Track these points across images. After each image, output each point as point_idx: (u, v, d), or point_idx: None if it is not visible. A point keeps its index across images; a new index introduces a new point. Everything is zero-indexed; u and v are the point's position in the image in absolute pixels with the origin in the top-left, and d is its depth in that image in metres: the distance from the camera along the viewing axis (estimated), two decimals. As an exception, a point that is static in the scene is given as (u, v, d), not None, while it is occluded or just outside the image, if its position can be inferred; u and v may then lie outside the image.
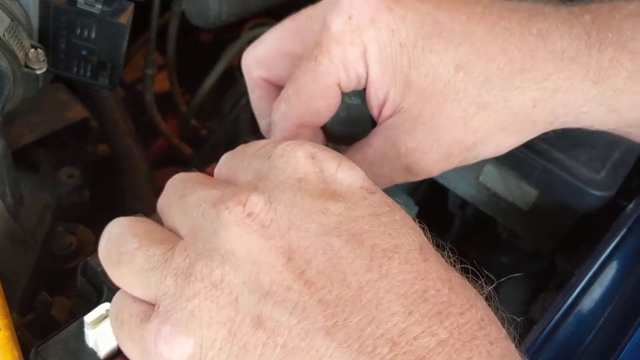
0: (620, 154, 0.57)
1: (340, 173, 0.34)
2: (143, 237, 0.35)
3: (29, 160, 0.75)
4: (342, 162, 0.35)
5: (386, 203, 0.35)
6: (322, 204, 0.33)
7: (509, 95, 0.43)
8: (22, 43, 0.57)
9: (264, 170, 0.35)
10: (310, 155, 0.34)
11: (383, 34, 0.42)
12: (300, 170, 0.34)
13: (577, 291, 0.49)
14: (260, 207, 0.32)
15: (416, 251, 0.33)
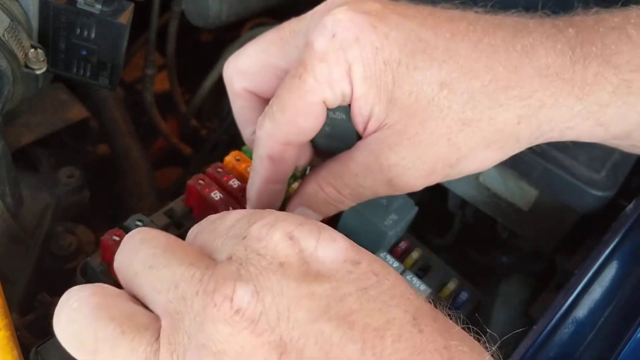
0: (620, 154, 0.57)
1: (321, 250, 0.33)
2: (124, 321, 0.32)
3: (29, 160, 0.75)
4: (322, 236, 0.33)
5: (372, 272, 0.33)
6: (307, 288, 0.31)
7: (494, 112, 0.43)
8: (21, 43, 0.57)
9: (241, 252, 0.33)
10: (287, 236, 0.33)
11: (367, 52, 0.42)
12: (280, 253, 0.33)
13: (577, 291, 0.49)
14: (248, 301, 0.31)
15: (409, 324, 0.32)
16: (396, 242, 0.59)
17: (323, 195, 0.47)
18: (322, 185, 0.47)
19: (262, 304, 0.31)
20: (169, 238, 0.35)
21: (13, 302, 0.53)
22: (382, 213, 0.56)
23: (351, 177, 0.46)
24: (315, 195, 0.47)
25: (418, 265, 0.58)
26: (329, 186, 0.47)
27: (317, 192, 0.47)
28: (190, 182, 0.54)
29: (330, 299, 0.31)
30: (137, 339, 0.32)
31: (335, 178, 0.46)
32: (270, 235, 0.33)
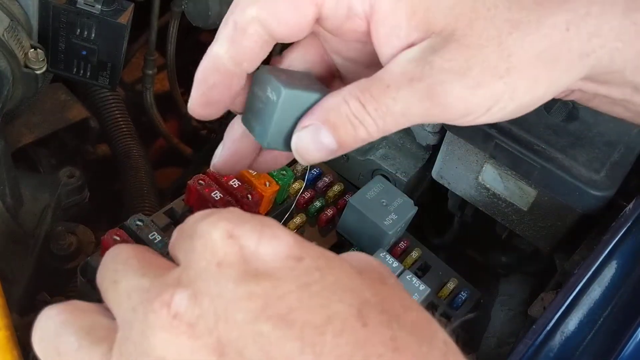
0: (619, 154, 0.57)
1: (262, 247, 0.32)
2: (82, 334, 0.34)
3: (29, 161, 0.75)
4: (263, 232, 0.33)
5: (316, 267, 0.32)
6: (245, 289, 0.31)
7: (540, 14, 0.40)
8: (21, 43, 0.57)
9: (189, 253, 0.33)
10: (227, 234, 0.32)
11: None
12: (219, 252, 0.32)
13: (577, 291, 0.49)
14: (185, 305, 0.31)
15: (353, 317, 0.31)
16: (396, 242, 0.59)
17: (345, 108, 0.40)
18: (347, 98, 0.40)
19: (200, 307, 0.31)
20: (132, 251, 0.36)
21: (13, 302, 0.53)
22: (382, 212, 0.56)
23: (382, 88, 0.39)
24: (337, 108, 0.40)
25: (417, 265, 0.58)
26: (354, 99, 0.39)
27: (339, 105, 0.40)
28: (190, 182, 0.54)
29: (269, 297, 0.31)
30: (92, 351, 0.33)
31: (362, 90, 0.39)
32: (210, 234, 0.33)
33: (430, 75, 0.38)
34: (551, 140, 0.57)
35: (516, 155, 0.57)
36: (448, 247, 0.75)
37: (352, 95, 0.39)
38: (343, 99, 0.40)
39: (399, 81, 0.39)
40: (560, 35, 0.40)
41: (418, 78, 0.39)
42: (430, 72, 0.38)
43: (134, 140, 0.88)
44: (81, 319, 0.34)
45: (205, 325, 0.30)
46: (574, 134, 0.58)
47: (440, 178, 0.65)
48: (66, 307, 0.35)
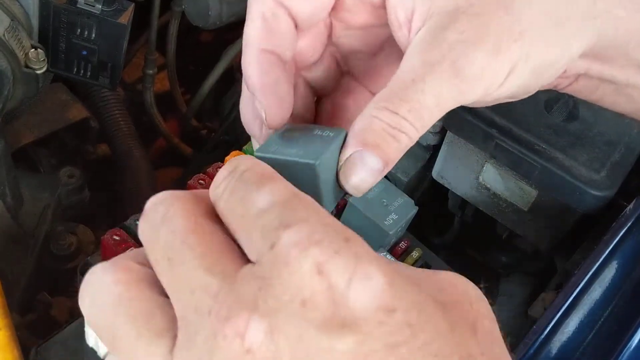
0: (619, 154, 0.57)
1: (353, 290, 0.29)
2: (142, 323, 0.31)
3: (29, 161, 0.75)
4: (357, 272, 0.29)
5: (408, 323, 0.29)
6: (327, 341, 0.28)
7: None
8: (22, 43, 0.57)
9: (267, 267, 0.29)
10: (317, 268, 0.29)
11: None
12: (305, 289, 0.28)
13: (577, 291, 0.49)
14: (260, 341, 0.28)
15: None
16: (396, 242, 0.59)
17: (378, 123, 0.37)
18: (375, 114, 0.37)
19: (276, 346, 0.28)
20: (192, 221, 0.31)
21: (13, 302, 0.53)
22: (382, 212, 0.56)
23: (407, 86, 0.37)
24: (370, 127, 0.37)
25: (418, 265, 0.58)
26: (383, 111, 0.37)
27: (370, 123, 0.37)
28: (191, 182, 0.54)
29: (351, 355, 0.28)
30: (153, 346, 0.30)
31: (387, 99, 0.37)
32: (299, 263, 0.29)
33: (449, 51, 0.37)
34: (551, 140, 0.57)
35: (516, 155, 0.57)
36: (448, 247, 0.75)
37: (379, 107, 0.38)
38: (371, 115, 0.38)
39: (421, 71, 0.37)
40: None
41: (438, 60, 0.37)
42: (447, 48, 0.37)
43: (134, 140, 0.88)
44: (139, 299, 0.31)
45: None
46: (574, 134, 0.58)
47: (441, 178, 0.65)
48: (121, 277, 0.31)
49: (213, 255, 0.30)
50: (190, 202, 0.32)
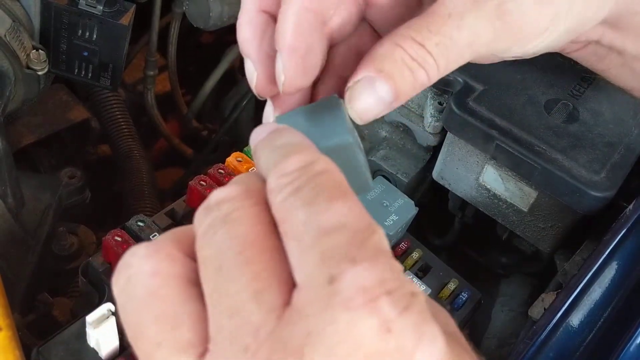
0: (619, 155, 0.58)
1: (420, 354, 0.25)
2: (166, 329, 0.28)
3: (30, 161, 0.75)
4: (425, 334, 0.26)
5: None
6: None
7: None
8: (23, 44, 0.57)
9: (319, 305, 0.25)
10: (385, 326, 0.25)
11: None
12: (367, 346, 0.25)
13: (577, 292, 0.49)
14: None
15: None
16: (397, 243, 0.59)
17: (400, 52, 0.34)
18: (399, 41, 0.34)
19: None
20: (254, 232, 0.28)
21: (14, 302, 0.53)
22: (382, 213, 0.57)
23: (442, 20, 0.34)
24: (390, 54, 0.34)
25: (418, 266, 0.58)
26: (409, 40, 0.34)
27: (392, 50, 0.34)
28: (191, 183, 0.54)
29: None
30: (174, 357, 0.27)
31: (417, 29, 0.35)
32: (365, 316, 0.25)
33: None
34: (552, 142, 0.57)
35: (517, 156, 0.57)
36: (449, 247, 0.75)
37: (406, 36, 0.34)
38: (395, 43, 0.34)
39: (462, 6, 0.34)
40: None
41: (483, 2, 0.35)
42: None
43: (134, 141, 0.88)
44: (170, 299, 0.28)
45: None
46: (574, 135, 0.58)
47: (441, 179, 0.65)
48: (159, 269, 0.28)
49: (266, 280, 0.27)
50: (258, 206, 0.28)
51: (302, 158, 0.28)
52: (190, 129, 1.02)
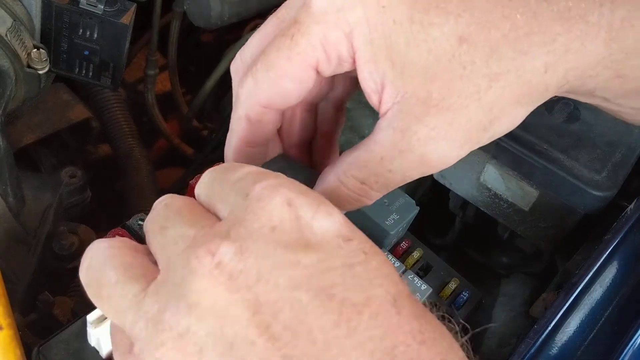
0: (620, 154, 0.58)
1: (317, 221, 0.33)
2: (121, 270, 0.35)
3: (31, 160, 0.75)
4: (320, 208, 0.34)
5: (362, 250, 0.33)
6: (293, 256, 0.32)
7: (519, 62, 0.40)
8: (24, 43, 0.57)
9: (240, 210, 0.34)
10: (287, 201, 0.33)
11: (372, 12, 0.38)
12: (275, 218, 0.33)
13: (578, 291, 0.49)
14: (229, 258, 0.32)
15: (389, 303, 0.32)
16: (397, 242, 0.59)
17: (345, 190, 0.42)
18: (343, 180, 0.42)
19: (244, 263, 0.31)
20: (184, 202, 0.37)
21: (15, 301, 0.53)
22: (383, 212, 0.56)
23: (377, 162, 0.41)
24: (337, 191, 0.43)
25: (419, 265, 0.58)
26: (351, 179, 0.42)
27: (338, 187, 0.42)
28: (192, 182, 0.54)
29: (314, 269, 0.32)
30: (127, 287, 0.34)
31: (358, 168, 0.42)
32: (270, 198, 0.33)
33: (419, 145, 0.40)
34: (553, 141, 0.57)
35: (518, 155, 0.57)
36: (449, 247, 0.75)
37: (347, 175, 0.42)
38: (339, 180, 0.42)
39: (391, 153, 0.40)
40: (539, 78, 0.41)
41: (408, 149, 0.40)
42: (418, 142, 0.40)
43: (135, 140, 0.88)
44: (124, 255, 0.36)
45: (245, 281, 0.31)
46: (575, 135, 0.58)
47: (442, 178, 0.66)
48: (113, 243, 0.37)
49: (198, 217, 0.35)
50: (187, 197, 0.38)
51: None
52: (191, 128, 1.02)
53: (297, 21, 0.40)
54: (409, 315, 0.32)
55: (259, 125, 0.44)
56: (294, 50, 0.40)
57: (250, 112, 0.43)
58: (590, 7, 0.40)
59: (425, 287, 0.53)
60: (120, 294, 0.34)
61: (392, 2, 0.38)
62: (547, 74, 0.41)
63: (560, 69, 0.41)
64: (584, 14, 0.40)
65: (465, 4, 0.39)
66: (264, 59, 0.41)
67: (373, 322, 0.31)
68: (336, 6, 0.39)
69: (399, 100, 0.40)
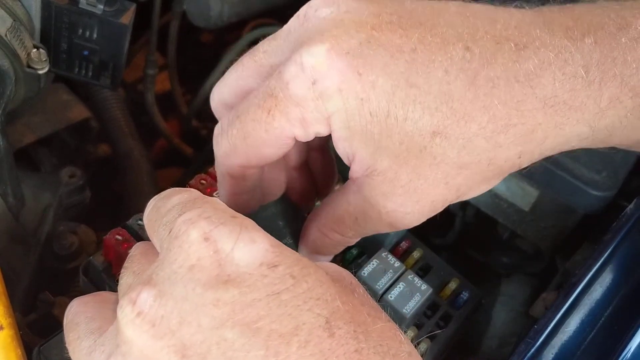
0: (620, 154, 0.58)
1: (237, 251, 0.33)
2: (82, 326, 0.37)
3: (31, 160, 0.75)
4: (241, 236, 0.33)
5: (290, 274, 0.33)
6: (213, 295, 0.32)
7: (493, 154, 0.40)
8: (24, 43, 0.57)
9: (164, 249, 0.34)
10: (204, 235, 0.33)
11: (351, 104, 0.38)
12: (192, 256, 0.33)
13: (578, 291, 0.49)
14: (149, 305, 0.32)
15: (320, 328, 0.32)
16: (397, 242, 0.59)
17: (329, 241, 0.46)
18: (325, 232, 0.46)
19: (164, 308, 0.32)
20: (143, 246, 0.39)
21: (15, 301, 0.53)
22: (383, 213, 0.56)
23: (352, 221, 0.44)
24: (321, 241, 0.46)
25: (419, 265, 0.58)
26: (332, 232, 0.45)
27: (321, 238, 0.46)
28: (192, 182, 0.54)
29: (236, 305, 0.31)
30: (84, 342, 0.36)
31: (336, 223, 0.45)
32: (187, 234, 0.33)
33: (388, 216, 0.42)
34: (552, 141, 0.57)
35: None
36: (449, 247, 0.75)
37: (329, 228, 0.45)
38: (321, 232, 0.46)
39: (363, 217, 0.43)
40: (511, 163, 0.41)
41: (377, 218, 0.43)
42: (387, 215, 0.42)
43: (135, 140, 0.88)
44: (87, 311, 0.38)
45: (168, 327, 0.31)
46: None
47: (442, 178, 0.65)
48: (84, 299, 0.39)
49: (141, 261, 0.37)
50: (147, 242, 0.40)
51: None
52: (190, 128, 1.02)
53: (274, 95, 0.40)
54: (344, 336, 0.32)
55: (242, 179, 0.45)
56: (271, 124, 0.40)
57: (232, 172, 0.44)
58: (577, 88, 0.39)
59: (425, 287, 0.53)
60: (80, 348, 0.36)
61: (371, 95, 0.38)
62: (520, 159, 0.41)
63: (536, 153, 0.42)
64: (569, 99, 0.39)
65: (445, 96, 0.39)
66: (241, 126, 0.41)
67: (302, 352, 0.31)
68: (315, 94, 0.39)
69: (368, 174, 0.41)
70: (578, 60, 0.39)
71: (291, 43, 0.41)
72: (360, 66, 0.38)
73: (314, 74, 0.38)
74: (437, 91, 0.38)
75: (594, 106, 0.40)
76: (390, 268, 0.53)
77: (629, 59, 0.39)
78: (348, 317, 0.33)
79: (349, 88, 0.38)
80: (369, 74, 0.38)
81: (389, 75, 0.38)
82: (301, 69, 0.38)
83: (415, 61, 0.38)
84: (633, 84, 0.39)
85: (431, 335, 0.53)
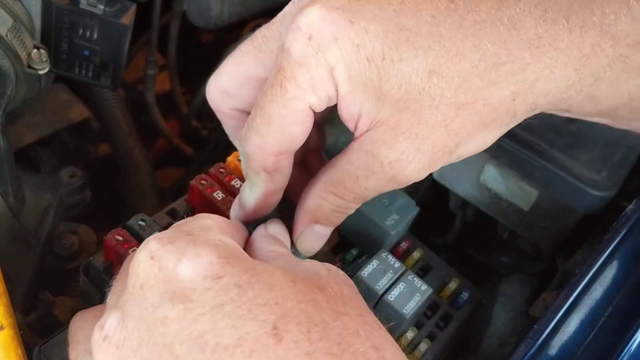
0: (620, 154, 0.58)
1: (181, 267, 0.34)
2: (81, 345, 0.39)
3: (31, 160, 0.75)
4: (185, 254, 0.35)
5: (235, 284, 0.34)
6: (161, 313, 0.33)
7: (487, 92, 0.41)
8: (24, 43, 0.57)
9: (126, 274, 0.36)
10: (149, 254, 0.35)
11: (348, 51, 0.40)
12: (142, 275, 0.34)
13: (578, 291, 0.49)
14: (114, 328, 0.34)
15: (266, 335, 0.32)
16: (397, 242, 0.59)
17: (327, 205, 0.46)
18: (324, 196, 0.46)
19: (126, 329, 0.33)
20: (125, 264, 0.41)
21: (16, 301, 0.53)
22: (383, 213, 0.57)
23: (352, 181, 0.44)
24: (320, 208, 0.46)
25: (419, 265, 0.58)
26: (331, 195, 0.46)
27: (320, 204, 0.46)
28: (192, 182, 0.54)
29: (182, 321, 0.33)
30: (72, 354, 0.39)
31: (335, 185, 0.45)
32: (137, 254, 0.35)
33: (390, 168, 0.43)
34: (552, 141, 0.57)
35: (517, 155, 0.57)
36: (449, 247, 0.75)
37: (327, 191, 0.45)
38: (320, 197, 0.46)
39: (365, 173, 0.44)
40: (506, 105, 0.43)
41: (380, 171, 0.43)
42: (389, 165, 0.43)
43: (135, 140, 0.88)
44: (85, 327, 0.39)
45: (130, 347, 0.33)
46: (575, 134, 0.58)
47: (442, 178, 0.66)
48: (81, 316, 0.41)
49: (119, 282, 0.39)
50: None
51: None
52: (190, 128, 1.02)
53: (281, 68, 0.41)
54: (294, 339, 0.32)
55: (278, 173, 0.46)
56: (286, 97, 0.41)
57: (266, 165, 0.45)
58: (559, 33, 0.41)
59: (425, 287, 0.53)
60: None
61: (365, 40, 0.40)
62: (515, 101, 0.42)
63: (530, 96, 0.43)
64: (553, 41, 0.41)
65: (435, 36, 0.40)
66: (262, 113, 0.43)
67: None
68: (313, 48, 0.40)
69: (372, 128, 0.43)
70: (557, 11, 0.41)
71: (288, 23, 0.43)
72: (352, 16, 0.40)
73: (309, 30, 0.40)
74: (427, 32, 0.40)
75: (578, 51, 0.42)
76: (390, 268, 0.53)
77: (607, 10, 0.41)
78: (303, 317, 0.33)
79: (343, 36, 0.40)
80: (360, 22, 0.40)
81: (379, 22, 0.40)
82: (298, 30, 0.40)
83: (402, 10, 0.40)
84: (612, 32, 0.41)
85: (431, 336, 0.54)
